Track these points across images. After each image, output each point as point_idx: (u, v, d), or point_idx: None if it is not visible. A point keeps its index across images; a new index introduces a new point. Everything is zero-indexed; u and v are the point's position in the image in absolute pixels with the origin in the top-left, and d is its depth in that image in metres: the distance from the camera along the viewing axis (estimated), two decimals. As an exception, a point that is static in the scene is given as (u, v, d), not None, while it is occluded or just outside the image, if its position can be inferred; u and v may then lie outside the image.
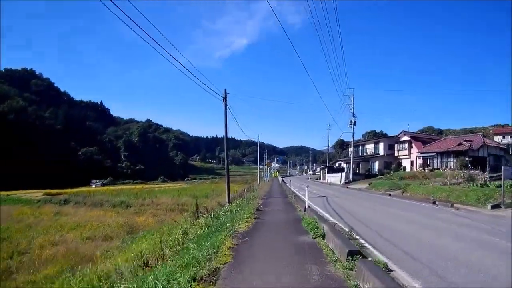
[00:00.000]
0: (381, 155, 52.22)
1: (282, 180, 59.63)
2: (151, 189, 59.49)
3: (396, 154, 51.72)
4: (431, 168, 43.98)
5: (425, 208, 17.22)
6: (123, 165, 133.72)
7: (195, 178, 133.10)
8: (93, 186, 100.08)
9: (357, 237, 9.15)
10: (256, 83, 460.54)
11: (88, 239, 20.59)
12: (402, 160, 50.86)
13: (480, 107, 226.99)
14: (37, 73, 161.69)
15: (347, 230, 10.07)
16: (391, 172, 47.22)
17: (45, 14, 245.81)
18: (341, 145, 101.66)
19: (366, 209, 17.34)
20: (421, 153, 47.43)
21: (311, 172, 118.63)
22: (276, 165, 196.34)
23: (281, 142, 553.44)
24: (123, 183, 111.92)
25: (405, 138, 50.91)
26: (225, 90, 20.84)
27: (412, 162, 49.76)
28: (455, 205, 18.07)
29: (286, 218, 13.04)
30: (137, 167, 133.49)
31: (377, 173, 49.56)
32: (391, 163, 51.41)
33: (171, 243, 10.59)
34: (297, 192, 26.89)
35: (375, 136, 70.38)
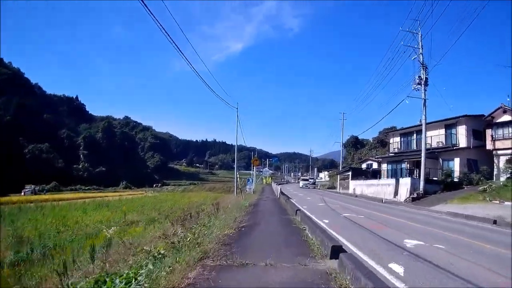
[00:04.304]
0: (463, 148, 28.41)
1: (281, 192, 29.11)
2: (55, 203, 35.05)
3: (489, 147, 27.97)
4: None
5: None
6: (80, 166, 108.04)
7: (168, 184, 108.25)
8: (22, 193, 75.01)
9: None
10: (250, 87, 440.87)
11: None
12: (500, 156, 27.22)
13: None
14: (5, 62, 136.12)
15: None
16: (483, 177, 24.30)
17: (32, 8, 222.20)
18: (354, 144, 77.73)
19: None
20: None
21: (310, 180, 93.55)
22: (269, 170, 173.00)
23: (274, 148, 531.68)
24: (71, 190, 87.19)
25: (507, 117, 27.29)
26: None
27: (521, 161, 26.21)
28: None
29: None
30: (97, 169, 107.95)
31: (460, 180, 26.04)
32: (477, 162, 28.03)
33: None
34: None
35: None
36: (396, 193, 26.36)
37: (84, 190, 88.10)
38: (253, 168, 45.82)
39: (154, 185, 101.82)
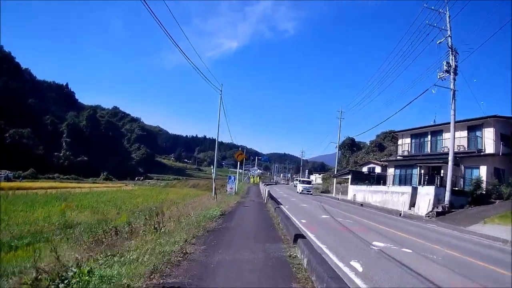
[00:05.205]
0: (491, 154, 24.35)
1: (270, 196, 23.06)
2: (10, 192, 30.37)
3: (521, 155, 24.14)
4: None
5: None
6: (61, 154, 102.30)
7: (151, 178, 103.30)
8: (-5, 178, 69.71)
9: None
10: (243, 86, 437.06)
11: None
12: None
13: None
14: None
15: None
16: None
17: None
18: (350, 146, 73.84)
19: None
20: None
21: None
22: (258, 170, 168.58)
23: (264, 148, 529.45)
24: (48, 178, 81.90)
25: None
26: None
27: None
28: None
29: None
30: (78, 158, 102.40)
31: (488, 193, 22.11)
32: (504, 172, 24.15)
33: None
34: None
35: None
36: (412, 204, 22.32)
37: (62, 179, 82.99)
38: (239, 165, 41.15)
39: (136, 178, 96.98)
